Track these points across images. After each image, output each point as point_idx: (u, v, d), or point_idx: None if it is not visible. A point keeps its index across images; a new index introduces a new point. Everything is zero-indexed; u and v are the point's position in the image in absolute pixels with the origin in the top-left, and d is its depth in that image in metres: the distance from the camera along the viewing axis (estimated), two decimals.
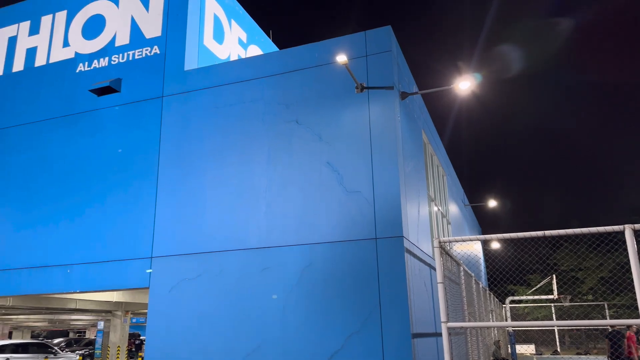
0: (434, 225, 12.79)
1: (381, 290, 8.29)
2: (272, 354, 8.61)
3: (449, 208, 15.95)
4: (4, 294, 11.69)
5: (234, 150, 9.98)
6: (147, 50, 11.66)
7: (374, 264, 8.44)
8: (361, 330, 8.25)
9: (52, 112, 12.18)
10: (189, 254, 9.70)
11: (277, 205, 9.35)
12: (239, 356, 8.78)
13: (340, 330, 8.35)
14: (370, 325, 8.21)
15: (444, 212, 14.91)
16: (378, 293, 8.30)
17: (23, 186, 11.88)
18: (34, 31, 13.28)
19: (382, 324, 8.15)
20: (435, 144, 14.41)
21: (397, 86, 9.49)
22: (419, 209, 10.45)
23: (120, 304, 19.99)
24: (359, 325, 8.28)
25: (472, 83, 9.79)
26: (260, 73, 10.31)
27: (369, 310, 8.28)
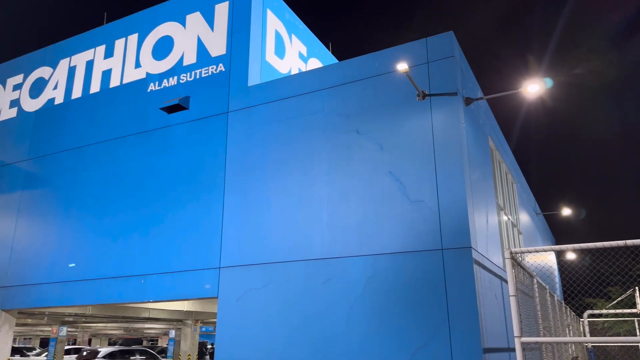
0: (504, 235, 12.28)
1: (449, 303, 8.03)
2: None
3: (520, 217, 15.27)
4: (84, 303, 12.42)
5: (296, 161, 10.10)
6: (212, 68, 12.11)
7: (441, 275, 8.20)
8: (428, 344, 8.02)
9: (126, 130, 12.89)
10: (255, 264, 9.88)
11: (338, 215, 9.34)
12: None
13: (406, 344, 8.16)
14: (438, 339, 7.96)
15: (515, 221, 14.28)
16: (446, 306, 8.05)
17: (101, 200, 12.62)
18: (108, 54, 14.17)
19: (451, 338, 7.88)
20: (503, 151, 13.88)
21: (461, 92, 9.24)
22: (488, 218, 10.07)
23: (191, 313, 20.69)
24: (426, 339, 8.05)
25: (541, 87, 9.35)
26: (320, 85, 10.40)
27: (436, 324, 8.04)
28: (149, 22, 13.66)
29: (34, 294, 12.90)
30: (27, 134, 14.92)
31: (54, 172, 13.82)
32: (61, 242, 12.87)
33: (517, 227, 14.54)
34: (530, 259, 15.24)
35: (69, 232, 12.84)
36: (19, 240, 13.70)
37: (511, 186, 14.91)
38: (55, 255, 12.84)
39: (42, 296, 12.75)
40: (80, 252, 12.43)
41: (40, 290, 12.79)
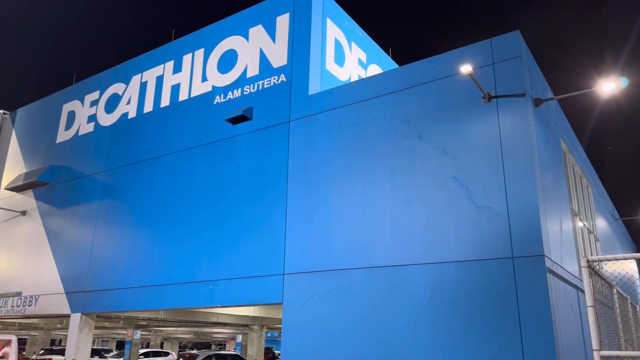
0: (580, 242, 11.60)
1: (521, 313, 7.67)
2: None
3: (597, 223, 14.38)
4: (156, 308, 12.98)
5: (358, 168, 10.06)
6: (274, 79, 12.36)
7: (512, 284, 7.86)
8: (499, 356, 7.69)
9: (194, 142, 13.40)
10: (318, 271, 9.92)
11: (401, 222, 9.19)
12: None
13: (476, 354, 7.87)
14: (509, 351, 7.62)
15: (591, 227, 13.46)
16: (517, 316, 7.69)
17: (171, 209, 13.17)
18: (177, 69, 14.83)
19: (523, 349, 7.52)
20: (576, 153, 13.15)
21: (530, 93, 8.86)
22: (561, 224, 9.56)
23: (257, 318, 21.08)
24: (496, 351, 7.73)
25: (617, 86, 8.78)
26: (380, 91, 10.34)
27: (507, 335, 7.70)
28: (214, 37, 14.17)
29: (110, 298, 13.65)
30: (104, 147, 15.87)
31: (128, 183, 14.60)
32: (135, 250, 13.55)
33: (593, 233, 13.70)
34: (609, 268, 14.28)
35: (142, 240, 13.50)
36: (97, 247, 14.56)
37: (586, 190, 14.08)
38: (130, 262, 13.53)
39: (118, 301, 13.46)
40: (152, 259, 13.02)
41: (116, 296, 13.51)
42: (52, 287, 15.23)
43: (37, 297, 15.62)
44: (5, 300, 16.59)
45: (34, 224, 16.92)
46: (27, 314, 15.86)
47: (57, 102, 18.45)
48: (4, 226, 18.10)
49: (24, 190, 17.74)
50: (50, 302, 15.20)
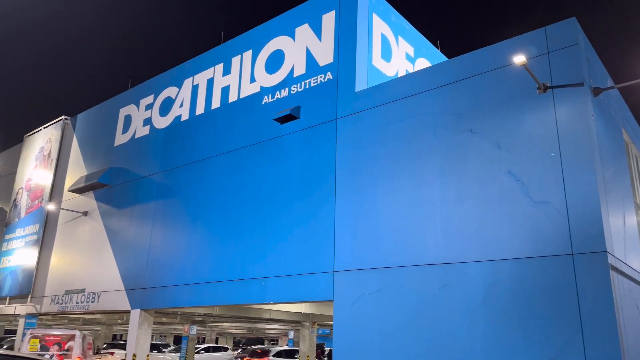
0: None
1: (582, 313, 7.34)
2: None
3: None
4: (211, 304, 13.34)
5: (407, 164, 9.93)
6: (321, 77, 12.39)
7: (572, 282, 7.53)
8: (559, 357, 7.39)
9: (244, 142, 13.65)
10: (368, 268, 9.87)
11: (453, 219, 9.00)
12: None
13: (534, 355, 7.60)
14: (570, 352, 7.31)
15: None
16: (578, 316, 7.37)
17: (224, 208, 13.48)
18: (226, 71, 15.14)
19: (585, 350, 7.20)
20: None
21: (588, 82, 8.45)
22: (625, 219, 9.07)
23: (308, 315, 21.26)
24: (556, 352, 7.43)
25: None
26: (428, 85, 10.15)
27: (568, 335, 7.39)
28: (262, 38, 14.37)
29: (167, 295, 14.14)
30: (159, 149, 16.44)
31: (182, 183, 15.06)
32: (190, 248, 13.97)
33: None
34: None
35: (196, 238, 13.90)
36: (154, 246, 15.12)
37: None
38: (185, 260, 13.96)
39: (174, 297, 13.93)
40: (206, 256, 13.39)
41: (173, 292, 13.98)
42: (113, 284, 15.95)
43: (99, 294, 16.41)
44: (70, 296, 17.53)
45: (95, 224, 17.77)
46: (90, 309, 16.70)
47: (114, 106, 19.28)
48: (67, 226, 19.12)
49: (86, 191, 18.65)
50: (111, 299, 15.93)
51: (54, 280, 18.70)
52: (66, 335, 15.29)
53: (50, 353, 14.96)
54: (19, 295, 19.83)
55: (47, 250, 19.58)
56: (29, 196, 21.72)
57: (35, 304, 19.05)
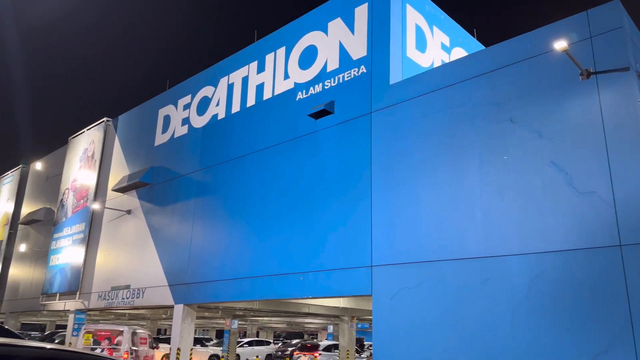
0: None
1: (632, 306, 7.07)
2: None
3: None
4: (252, 298, 13.55)
5: (444, 156, 9.78)
6: (354, 71, 12.33)
7: (620, 274, 7.26)
8: (608, 351, 7.15)
9: (279, 138, 13.76)
10: (407, 263, 9.79)
11: (494, 211, 8.81)
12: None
13: (582, 350, 7.37)
14: (619, 346, 7.06)
15: None
16: (628, 309, 7.10)
17: (261, 204, 13.64)
18: (260, 69, 15.28)
19: (635, 345, 6.93)
20: None
21: (634, 66, 8.08)
22: None
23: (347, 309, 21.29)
24: (605, 346, 7.19)
25: None
26: (466, 75, 9.94)
27: (617, 329, 7.13)
28: (294, 34, 14.41)
29: (209, 290, 14.44)
30: (197, 147, 16.77)
31: (221, 181, 15.32)
32: (230, 244, 14.22)
33: None
34: None
35: (235, 234, 14.12)
36: (195, 242, 15.46)
37: None
38: (225, 256, 14.22)
39: (216, 292, 14.21)
40: (245, 252, 13.59)
41: (214, 287, 14.27)
42: (157, 280, 16.41)
43: (143, 290, 16.92)
44: (116, 292, 18.15)
45: (139, 222, 18.31)
46: (135, 305, 17.24)
47: (153, 107, 19.77)
48: (112, 225, 19.78)
49: (128, 190, 19.23)
50: (155, 294, 16.40)
51: (101, 277, 19.40)
52: (115, 330, 15.92)
53: (101, 347, 15.64)
54: (68, 292, 20.68)
55: (93, 248, 20.33)
56: (74, 196, 22.57)
57: (84, 300, 19.83)
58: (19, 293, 25.34)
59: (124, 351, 15.44)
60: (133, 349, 15.70)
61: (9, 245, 27.57)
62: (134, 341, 15.84)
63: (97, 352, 14.73)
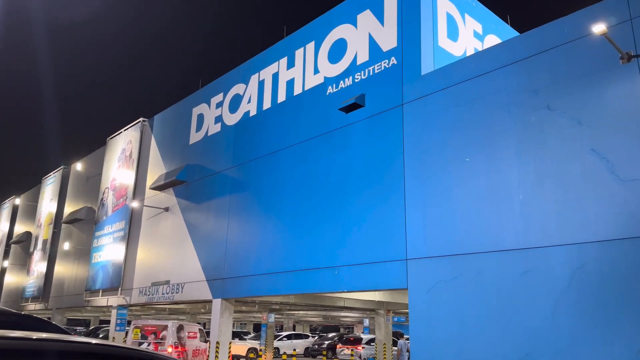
0: None
1: None
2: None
3: None
4: (287, 292, 13.67)
5: (479, 147, 9.59)
6: (385, 63, 12.21)
7: None
8: None
9: (310, 133, 13.78)
10: (443, 256, 9.67)
11: (533, 202, 8.59)
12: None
13: (625, 343, 7.13)
14: None
15: None
16: None
17: (294, 199, 13.72)
18: (290, 65, 15.31)
19: None
20: None
21: None
22: None
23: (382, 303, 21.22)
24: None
25: None
26: (500, 62, 9.70)
27: None
28: (323, 28, 14.37)
29: (245, 285, 14.65)
30: (230, 144, 16.98)
31: (254, 177, 15.48)
32: (264, 239, 14.37)
33: None
34: None
35: (270, 229, 14.26)
36: (231, 238, 15.69)
37: None
38: (260, 251, 14.39)
39: (252, 287, 14.40)
40: (280, 246, 13.71)
41: (250, 282, 14.46)
42: (195, 275, 16.75)
43: (182, 285, 17.30)
44: (156, 288, 18.63)
45: (176, 219, 18.71)
46: (175, 300, 17.65)
47: (187, 106, 20.12)
48: (151, 222, 20.29)
49: (166, 188, 19.67)
50: (194, 289, 16.75)
51: (141, 273, 19.95)
52: (161, 325, 16.63)
53: (148, 341, 16.39)
54: (110, 288, 21.36)
55: (133, 245, 20.90)
56: (114, 195, 23.24)
57: (125, 295, 20.44)
58: (64, 290, 26.35)
59: (167, 345, 16.01)
60: (179, 343, 16.25)
61: (53, 244, 28.67)
62: (181, 335, 16.38)
63: (144, 347, 15.41)
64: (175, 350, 16.05)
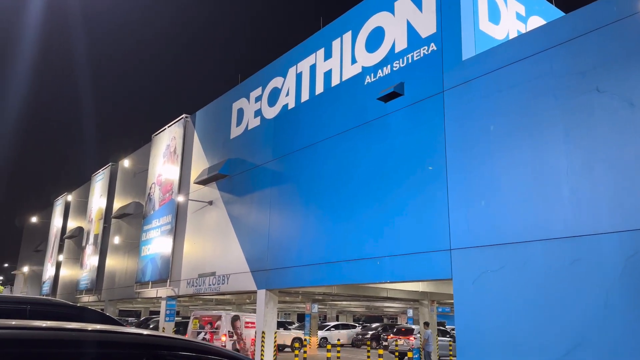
0: None
1: None
2: (596, 354, 7.61)
3: None
4: (329, 283, 13.75)
5: (524, 132, 9.29)
6: (424, 50, 11.99)
7: None
8: None
9: (349, 124, 13.73)
10: (488, 245, 9.47)
11: (582, 188, 8.27)
12: (555, 354, 8.08)
13: None
14: None
15: None
16: None
17: (334, 190, 13.74)
18: (327, 56, 15.27)
19: None
20: None
21: None
22: None
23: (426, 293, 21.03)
24: None
25: None
26: (545, 44, 9.34)
27: None
28: (360, 17, 14.24)
29: (288, 275, 14.83)
30: (270, 138, 17.15)
31: (294, 169, 15.59)
32: (306, 230, 14.48)
33: None
34: None
35: (311, 220, 14.35)
36: (273, 230, 15.90)
37: None
38: (302, 242, 14.51)
39: (295, 278, 14.56)
40: (322, 237, 13.78)
41: (293, 273, 14.62)
42: (240, 266, 17.09)
43: (228, 276, 17.69)
44: (203, 279, 19.12)
45: (220, 212, 19.11)
46: (221, 291, 18.08)
47: (227, 101, 20.43)
48: (196, 215, 20.80)
49: (209, 182, 20.10)
50: (239, 280, 17.10)
51: (188, 265, 20.52)
52: (216, 316, 17.89)
53: (205, 331, 17.84)
54: (159, 280, 22.09)
55: (180, 238, 21.51)
56: (160, 190, 23.94)
57: (174, 287, 21.09)
58: (115, 282, 27.44)
59: (221, 334, 17.09)
60: (233, 332, 17.25)
61: (104, 238, 29.88)
62: (237, 325, 17.45)
63: (200, 336, 16.55)
64: (231, 339, 17.42)
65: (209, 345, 2.98)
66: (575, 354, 7.84)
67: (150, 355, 2.55)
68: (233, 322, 18.10)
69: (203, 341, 16.63)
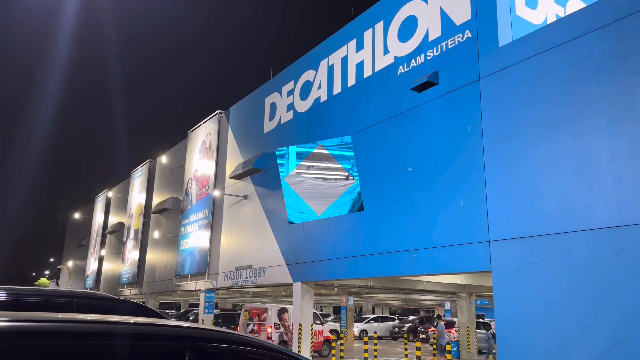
0: None
1: None
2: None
3: None
4: (364, 276, 13.73)
5: (565, 120, 8.99)
6: (459, 37, 11.74)
7: None
8: None
9: (382, 115, 13.61)
10: (529, 236, 9.24)
11: (627, 177, 7.95)
12: (600, 347, 7.84)
13: None
14: None
15: None
16: None
17: (370, 182, 13.67)
18: (359, 47, 15.14)
19: None
20: None
21: None
22: None
23: (464, 286, 20.73)
24: None
25: None
26: (585, 28, 8.99)
27: None
28: (392, 6, 14.05)
29: (323, 268, 14.88)
30: (303, 131, 17.19)
31: None
32: (340, 223, 14.47)
33: None
34: None
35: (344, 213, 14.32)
36: (307, 222, 15.96)
37: None
38: (337, 235, 14.52)
39: (329, 270, 14.60)
40: (357, 230, 13.75)
41: (328, 266, 14.66)
42: (275, 260, 17.26)
43: (264, 269, 17.90)
44: (240, 272, 19.42)
45: (255, 206, 19.33)
46: (257, 283, 18.32)
47: (260, 96, 20.58)
48: (232, 210, 21.10)
49: (244, 177, 20.34)
50: (275, 273, 17.28)
51: (225, 258, 20.88)
52: (263, 308, 18.78)
53: (253, 322, 18.95)
54: (197, 273, 22.56)
55: (217, 232, 21.89)
56: (197, 185, 24.40)
57: (212, 280, 21.50)
58: (155, 275, 28.19)
59: (267, 325, 18.25)
60: (280, 324, 18.51)
61: (144, 233, 30.71)
62: (284, 318, 18.16)
63: (249, 327, 17.43)
64: (277, 330, 18.45)
65: (248, 337, 3.03)
66: (620, 347, 7.58)
67: (192, 347, 2.61)
68: (280, 315, 18.76)
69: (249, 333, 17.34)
